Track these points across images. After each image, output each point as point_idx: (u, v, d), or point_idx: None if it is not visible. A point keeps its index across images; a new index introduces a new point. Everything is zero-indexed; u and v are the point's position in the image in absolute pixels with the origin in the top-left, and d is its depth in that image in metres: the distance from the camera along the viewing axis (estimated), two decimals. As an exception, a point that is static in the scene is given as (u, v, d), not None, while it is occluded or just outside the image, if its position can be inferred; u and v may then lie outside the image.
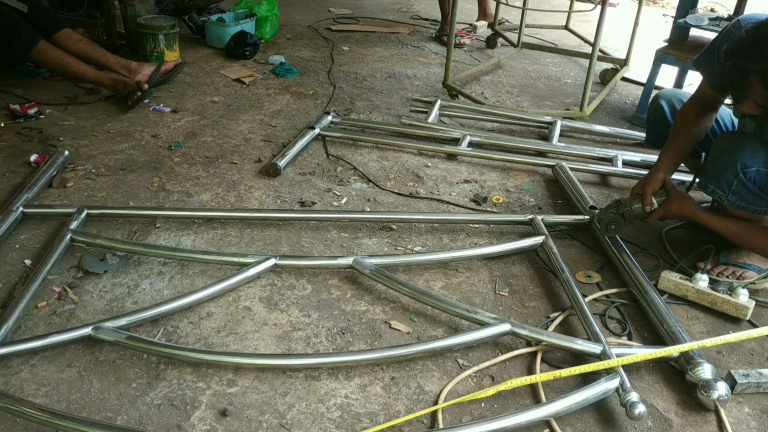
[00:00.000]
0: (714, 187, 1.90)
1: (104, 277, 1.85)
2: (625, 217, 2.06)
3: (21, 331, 1.64)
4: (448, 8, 4.12)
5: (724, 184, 1.88)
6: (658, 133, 2.31)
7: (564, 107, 3.41)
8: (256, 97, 3.22)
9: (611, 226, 2.08)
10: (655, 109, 2.32)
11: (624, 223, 2.07)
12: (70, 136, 2.65)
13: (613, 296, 1.95)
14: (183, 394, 1.49)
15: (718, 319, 1.89)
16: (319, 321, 1.76)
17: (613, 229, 2.09)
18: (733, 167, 1.85)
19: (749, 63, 1.67)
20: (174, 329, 1.68)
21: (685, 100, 2.24)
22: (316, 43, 4.14)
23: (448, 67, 3.28)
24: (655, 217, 2.06)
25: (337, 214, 2.21)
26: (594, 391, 1.51)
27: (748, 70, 1.68)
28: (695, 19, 3.11)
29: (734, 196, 1.88)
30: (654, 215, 2.05)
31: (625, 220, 2.06)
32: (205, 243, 2.05)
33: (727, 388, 1.54)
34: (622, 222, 2.06)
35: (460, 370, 1.63)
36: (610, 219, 2.07)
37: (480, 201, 2.42)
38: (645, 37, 4.34)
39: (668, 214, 2.04)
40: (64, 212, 2.07)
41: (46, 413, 1.37)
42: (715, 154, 1.92)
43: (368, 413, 1.48)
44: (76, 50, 2.98)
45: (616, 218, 2.06)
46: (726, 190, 1.88)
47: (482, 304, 1.87)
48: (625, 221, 2.06)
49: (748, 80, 1.70)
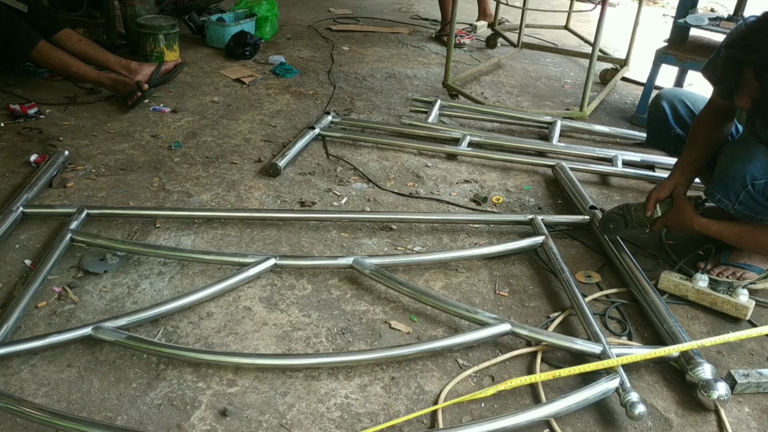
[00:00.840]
0: (721, 196, 1.87)
1: (104, 277, 1.85)
2: (627, 220, 2.03)
3: (21, 331, 1.64)
4: (448, 8, 4.12)
5: (732, 194, 1.85)
6: (659, 134, 2.30)
7: (564, 107, 3.41)
8: (256, 97, 3.22)
9: (610, 225, 2.07)
10: (656, 109, 2.29)
11: (624, 225, 2.04)
12: (70, 136, 2.65)
13: (613, 296, 1.95)
14: (183, 394, 1.49)
15: (718, 319, 1.89)
16: (319, 321, 1.76)
17: (612, 228, 2.07)
18: (741, 178, 1.82)
19: (744, 54, 1.66)
20: (174, 329, 1.68)
21: (687, 100, 2.23)
22: (316, 43, 4.14)
23: (448, 67, 3.28)
24: (657, 226, 2.04)
25: (337, 214, 2.21)
26: (594, 391, 1.51)
27: (743, 62, 1.68)
28: (695, 19, 3.11)
29: (741, 206, 1.86)
30: (656, 224, 2.03)
31: (626, 224, 2.04)
32: (205, 243, 2.05)
33: (727, 388, 1.54)
34: (621, 224, 2.04)
35: (460, 370, 1.63)
36: (610, 218, 2.06)
37: (480, 201, 2.42)
38: (645, 37, 4.34)
39: (669, 222, 2.01)
40: (64, 212, 2.07)
41: (46, 413, 1.37)
42: (724, 164, 1.88)
43: (368, 413, 1.48)
44: (76, 50, 2.98)
45: (616, 218, 2.05)
46: (733, 200, 1.85)
47: (482, 304, 1.87)
48: (626, 224, 2.04)
49: (743, 72, 1.69)
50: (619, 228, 2.06)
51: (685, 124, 2.21)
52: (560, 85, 3.77)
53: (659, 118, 2.27)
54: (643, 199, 2.05)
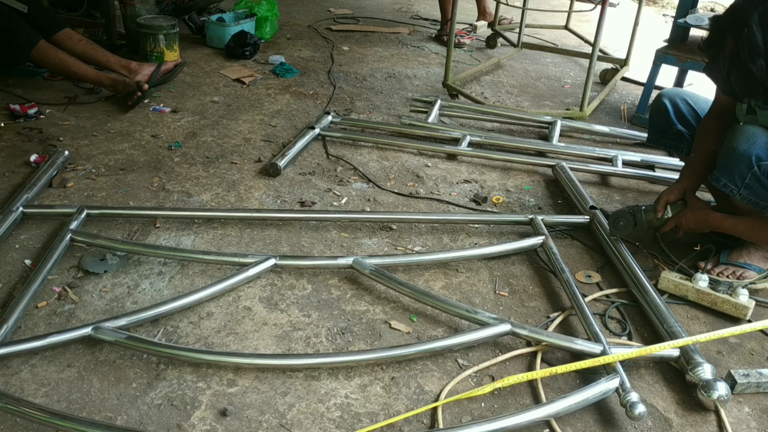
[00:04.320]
0: (726, 181, 1.87)
1: (104, 277, 1.85)
2: (637, 219, 2.02)
3: (21, 331, 1.64)
4: (448, 8, 4.12)
5: (737, 177, 1.85)
6: (661, 132, 2.30)
7: (564, 107, 3.41)
8: (256, 97, 3.22)
9: (620, 222, 2.04)
10: (658, 107, 2.30)
11: (633, 224, 2.02)
12: (70, 136, 2.65)
13: (613, 296, 1.95)
14: (183, 394, 1.49)
15: (718, 319, 1.89)
16: (319, 321, 1.76)
17: (621, 226, 2.04)
18: (747, 160, 1.82)
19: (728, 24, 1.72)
20: (174, 329, 1.68)
21: (688, 98, 2.24)
22: (316, 43, 4.14)
23: (448, 67, 3.27)
24: (669, 226, 2.04)
25: (337, 214, 2.21)
26: (594, 391, 1.51)
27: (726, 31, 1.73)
28: (695, 19, 3.11)
29: (746, 190, 1.86)
30: (668, 224, 2.03)
31: (635, 223, 2.02)
32: (205, 243, 2.05)
33: (727, 388, 1.54)
34: (631, 222, 2.02)
35: (460, 370, 1.63)
36: (621, 215, 2.04)
37: (480, 201, 2.42)
38: (645, 37, 4.34)
39: (683, 220, 2.00)
40: (64, 212, 2.07)
41: (46, 413, 1.37)
42: (728, 147, 1.88)
43: (368, 413, 1.48)
44: (76, 50, 2.98)
45: (626, 216, 2.03)
46: (738, 184, 1.85)
47: (482, 304, 1.87)
48: (635, 224, 2.02)
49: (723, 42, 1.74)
50: (627, 226, 2.04)
51: (686, 121, 2.23)
52: (560, 85, 3.77)
53: (661, 116, 2.29)
54: (644, 198, 2.05)
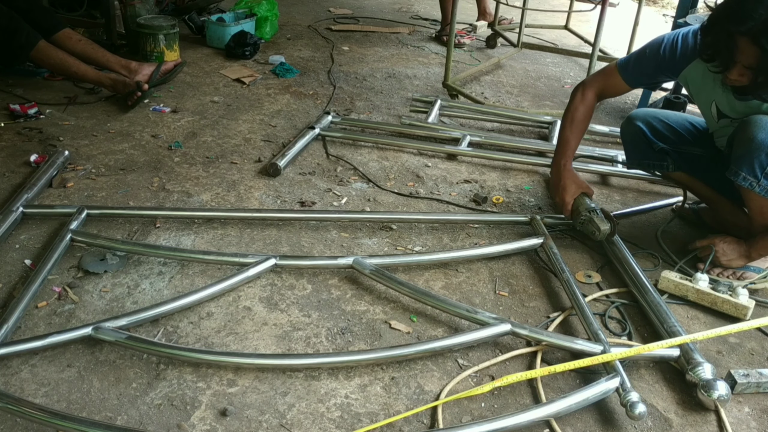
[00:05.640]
0: (746, 173, 1.83)
1: (104, 277, 1.85)
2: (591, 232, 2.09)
3: (21, 331, 1.64)
4: (448, 8, 4.12)
5: (758, 167, 1.80)
6: (641, 153, 2.25)
7: (564, 107, 3.40)
8: (256, 97, 3.22)
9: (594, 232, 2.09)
10: (633, 131, 2.24)
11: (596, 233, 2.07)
12: (70, 136, 2.65)
13: (613, 296, 1.95)
14: (183, 394, 1.49)
15: (718, 319, 1.89)
16: (319, 321, 1.76)
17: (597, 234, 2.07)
18: (767, 148, 1.78)
19: (736, 26, 1.68)
20: (174, 329, 1.68)
21: (659, 116, 2.22)
22: (316, 43, 4.14)
23: (448, 67, 3.28)
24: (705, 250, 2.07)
25: (337, 214, 2.21)
26: (594, 391, 1.51)
27: (736, 32, 1.69)
28: (695, 19, 3.11)
29: (766, 180, 1.82)
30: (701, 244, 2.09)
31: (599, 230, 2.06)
32: (205, 243, 2.05)
33: (728, 388, 1.54)
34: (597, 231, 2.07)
35: (460, 370, 1.63)
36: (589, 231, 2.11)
37: (480, 201, 2.42)
38: (645, 37, 4.33)
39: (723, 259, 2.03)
40: (64, 212, 2.07)
41: (46, 413, 1.37)
42: (746, 137, 1.82)
43: (368, 413, 1.48)
44: (76, 50, 2.98)
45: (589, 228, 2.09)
46: (759, 175, 1.81)
47: (482, 304, 1.87)
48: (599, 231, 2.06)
49: (735, 43, 1.70)
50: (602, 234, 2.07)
51: (665, 138, 2.19)
52: (560, 85, 3.77)
53: (638, 138, 2.23)
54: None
